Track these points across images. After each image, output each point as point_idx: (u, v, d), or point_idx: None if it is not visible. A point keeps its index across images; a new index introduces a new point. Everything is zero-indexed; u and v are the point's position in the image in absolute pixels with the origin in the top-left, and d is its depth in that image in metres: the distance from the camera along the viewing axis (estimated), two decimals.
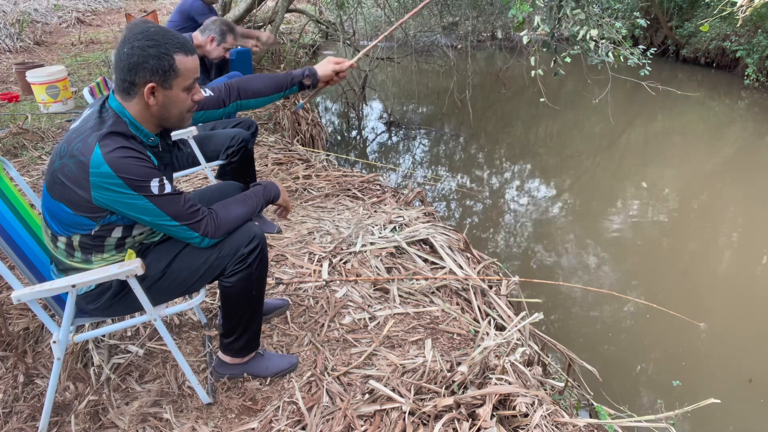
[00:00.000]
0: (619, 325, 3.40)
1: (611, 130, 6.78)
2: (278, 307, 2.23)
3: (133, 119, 1.44)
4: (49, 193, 1.43)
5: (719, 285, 3.79)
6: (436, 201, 5.09)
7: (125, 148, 1.38)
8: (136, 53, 1.37)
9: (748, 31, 8.60)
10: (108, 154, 1.35)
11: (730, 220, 4.65)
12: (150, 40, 1.38)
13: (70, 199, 1.40)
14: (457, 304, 2.41)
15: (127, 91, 1.41)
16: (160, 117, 1.48)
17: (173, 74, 1.41)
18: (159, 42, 1.38)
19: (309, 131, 5.37)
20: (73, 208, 1.41)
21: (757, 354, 3.12)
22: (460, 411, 1.67)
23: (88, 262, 1.53)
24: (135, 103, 1.43)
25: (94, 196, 1.38)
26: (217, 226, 1.54)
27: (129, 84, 1.40)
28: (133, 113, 1.44)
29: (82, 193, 1.38)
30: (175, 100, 1.46)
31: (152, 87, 1.40)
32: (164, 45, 1.39)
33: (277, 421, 1.73)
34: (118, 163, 1.35)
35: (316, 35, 10.62)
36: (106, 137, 1.37)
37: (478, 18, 9.18)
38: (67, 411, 1.77)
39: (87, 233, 1.47)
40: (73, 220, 1.44)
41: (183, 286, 1.62)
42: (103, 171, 1.35)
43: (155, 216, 1.44)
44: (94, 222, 1.44)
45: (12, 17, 7.69)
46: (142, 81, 1.39)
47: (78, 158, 1.36)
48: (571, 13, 4.02)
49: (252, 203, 1.66)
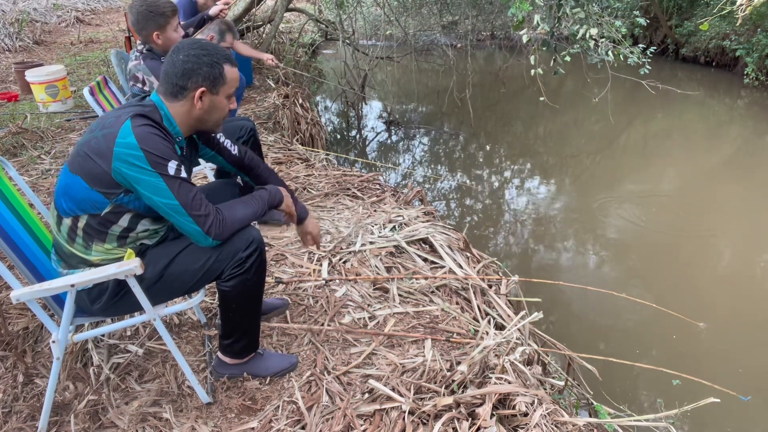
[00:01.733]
0: (619, 325, 3.40)
1: (611, 129, 6.78)
2: (278, 307, 2.23)
3: (169, 115, 1.55)
4: (69, 167, 1.48)
5: (719, 284, 3.79)
6: (435, 200, 5.09)
7: (154, 127, 1.47)
8: (192, 60, 1.50)
9: (747, 30, 8.60)
10: (136, 128, 1.43)
11: (729, 220, 4.65)
12: (204, 49, 1.52)
13: (88, 172, 1.44)
14: (456, 304, 2.41)
15: (176, 95, 1.53)
16: (200, 120, 1.59)
17: (221, 81, 1.55)
18: (211, 52, 1.53)
19: (308, 130, 5.37)
20: (89, 182, 1.45)
21: (757, 354, 3.12)
22: (459, 410, 1.67)
23: (88, 249, 1.54)
24: (180, 105, 1.55)
25: (114, 167, 1.42)
26: (223, 227, 1.54)
27: (180, 88, 1.52)
28: (173, 112, 1.55)
29: (102, 164, 1.42)
30: (218, 106, 1.59)
31: (203, 91, 1.53)
32: (216, 55, 1.54)
33: (277, 420, 1.73)
34: (144, 136, 1.43)
35: (316, 34, 10.62)
36: (139, 116, 1.46)
37: (478, 17, 9.18)
38: (66, 411, 1.77)
39: (96, 214, 1.49)
40: (86, 196, 1.46)
41: (181, 288, 1.62)
42: (128, 141, 1.41)
43: (165, 197, 1.46)
44: (106, 200, 1.47)
45: (11, 16, 7.68)
46: (194, 86, 1.52)
47: (107, 130, 1.44)
48: (570, 11, 4.02)
49: (256, 206, 1.66)
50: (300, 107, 5.44)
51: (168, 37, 2.55)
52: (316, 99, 8.26)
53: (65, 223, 1.51)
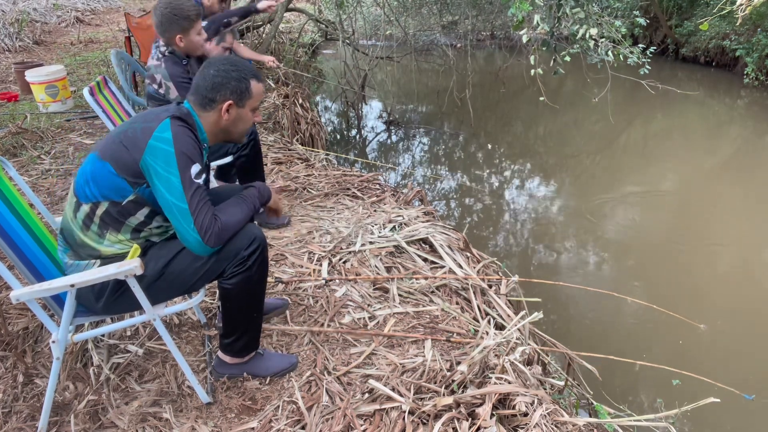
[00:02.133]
0: (619, 325, 3.40)
1: (611, 129, 6.78)
2: (278, 307, 2.23)
3: (200, 123, 1.64)
4: (100, 154, 1.53)
5: (719, 284, 3.79)
6: (435, 200, 5.09)
7: (190, 130, 1.56)
8: (221, 75, 1.61)
9: (747, 30, 8.60)
10: (175, 126, 1.52)
11: (730, 219, 4.65)
12: (233, 65, 1.63)
13: (118, 159, 1.50)
14: (456, 304, 2.41)
15: (205, 106, 1.63)
16: (226, 131, 1.68)
17: (248, 95, 1.64)
18: (240, 68, 1.63)
19: (308, 130, 5.37)
20: (117, 169, 1.50)
21: (756, 353, 3.12)
22: (459, 410, 1.67)
23: (101, 238, 1.57)
24: (209, 115, 1.64)
25: (144, 158, 1.49)
26: (220, 236, 1.55)
27: (209, 100, 1.62)
28: (202, 121, 1.65)
29: (134, 153, 1.49)
30: (243, 118, 1.68)
31: (230, 104, 1.62)
32: (243, 71, 1.63)
33: (277, 420, 1.73)
34: (180, 136, 1.52)
35: (316, 34, 10.62)
36: (178, 118, 1.55)
37: (478, 17, 9.18)
38: (66, 411, 1.77)
39: (118, 201, 1.53)
40: (112, 182, 1.51)
41: (182, 286, 1.62)
42: (165, 136, 1.50)
43: (177, 198, 1.50)
44: (130, 188, 1.52)
45: (11, 17, 7.68)
46: (222, 98, 1.62)
47: (147, 125, 1.52)
48: (570, 11, 4.02)
49: (249, 207, 1.69)
50: (300, 107, 5.44)
51: (191, 41, 2.55)
52: (316, 99, 8.26)
53: (83, 209, 1.55)
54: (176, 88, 2.58)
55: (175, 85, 2.57)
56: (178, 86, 2.58)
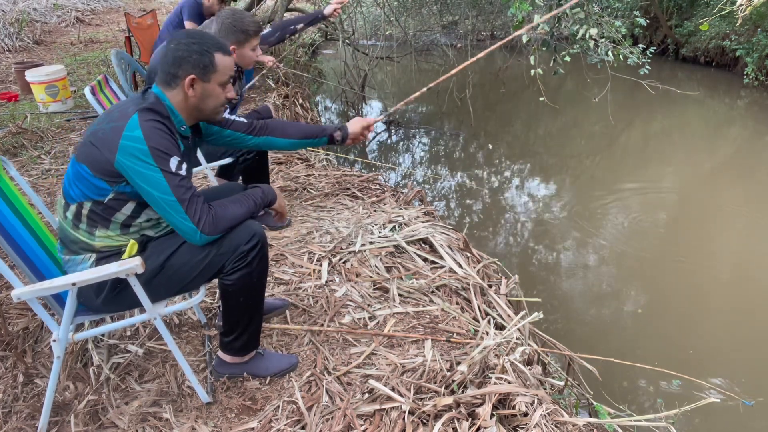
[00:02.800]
0: (619, 325, 3.40)
1: (611, 129, 6.78)
2: (278, 307, 2.23)
3: (171, 105, 1.59)
4: (76, 157, 1.53)
5: (719, 284, 3.79)
6: (435, 200, 5.09)
7: (160, 122, 1.52)
8: (182, 48, 1.55)
9: (747, 30, 8.60)
10: (144, 122, 1.49)
11: (729, 219, 4.65)
12: (194, 38, 1.58)
13: (93, 160, 1.49)
14: (456, 304, 2.41)
15: (169, 82, 1.58)
16: (196, 108, 1.63)
17: (212, 69, 1.58)
18: (202, 41, 1.58)
19: None
20: (93, 170, 1.49)
21: (756, 353, 3.12)
22: (459, 410, 1.67)
23: (92, 235, 1.57)
24: (175, 93, 1.59)
25: (117, 159, 1.46)
26: (215, 224, 1.56)
27: (172, 76, 1.57)
28: (173, 101, 1.60)
29: (107, 154, 1.47)
30: (211, 93, 1.61)
31: (192, 79, 1.56)
32: (206, 44, 1.58)
33: (277, 420, 1.73)
34: (150, 131, 1.48)
35: (316, 34, 10.62)
36: (146, 110, 1.52)
37: (478, 17, 9.18)
38: (66, 411, 1.77)
39: (100, 200, 1.53)
40: (91, 183, 1.51)
41: (181, 282, 1.62)
42: (135, 135, 1.46)
43: (163, 193, 1.49)
44: (109, 187, 1.51)
45: (11, 16, 7.68)
46: (184, 73, 1.56)
47: (115, 124, 1.49)
48: (570, 11, 4.02)
49: (249, 204, 1.68)
50: (300, 107, 5.44)
51: (243, 55, 2.57)
52: (316, 99, 8.26)
53: (71, 209, 1.56)
54: None
55: None
56: None
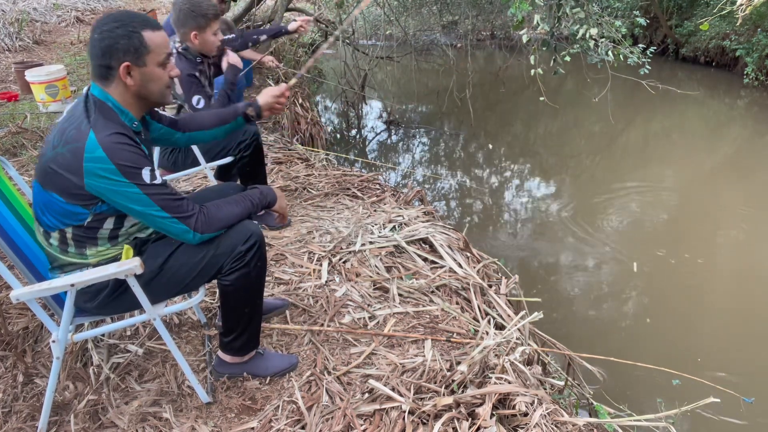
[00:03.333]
0: (619, 324, 3.40)
1: (611, 129, 6.78)
2: (278, 307, 2.23)
3: (116, 103, 1.48)
4: (41, 185, 1.45)
5: (719, 283, 3.79)
6: (435, 200, 5.09)
7: (119, 134, 1.41)
8: (106, 36, 1.41)
9: (747, 30, 8.60)
10: (103, 139, 1.38)
11: (729, 219, 4.65)
12: (116, 21, 1.42)
13: (62, 188, 1.41)
14: (456, 304, 2.40)
15: (105, 76, 1.46)
16: (141, 96, 1.51)
17: (144, 51, 1.45)
18: (125, 22, 1.43)
19: (308, 130, 5.36)
20: (65, 197, 1.42)
21: (757, 353, 3.12)
22: (459, 410, 1.67)
23: (83, 256, 1.54)
24: (115, 86, 1.47)
25: (87, 183, 1.39)
26: (208, 222, 1.53)
27: (105, 68, 1.44)
28: (116, 97, 1.48)
29: (75, 179, 1.39)
30: (151, 76, 1.49)
31: (127, 66, 1.44)
32: (130, 24, 1.43)
33: (277, 420, 1.73)
34: (113, 148, 1.38)
35: (316, 34, 10.61)
36: (99, 123, 1.41)
37: (478, 17, 9.17)
38: (66, 410, 1.77)
39: (80, 224, 1.48)
40: (65, 210, 1.45)
41: (180, 283, 1.62)
42: (98, 155, 1.37)
43: (145, 206, 1.44)
44: (86, 210, 1.45)
45: (11, 16, 7.67)
46: (117, 62, 1.43)
47: (72, 145, 1.38)
48: (570, 11, 4.02)
49: (246, 205, 1.65)
50: (300, 107, 5.44)
51: (205, 39, 2.57)
52: (316, 99, 8.26)
53: (54, 237, 1.51)
54: (180, 83, 2.57)
55: (181, 80, 2.57)
56: (184, 82, 2.57)
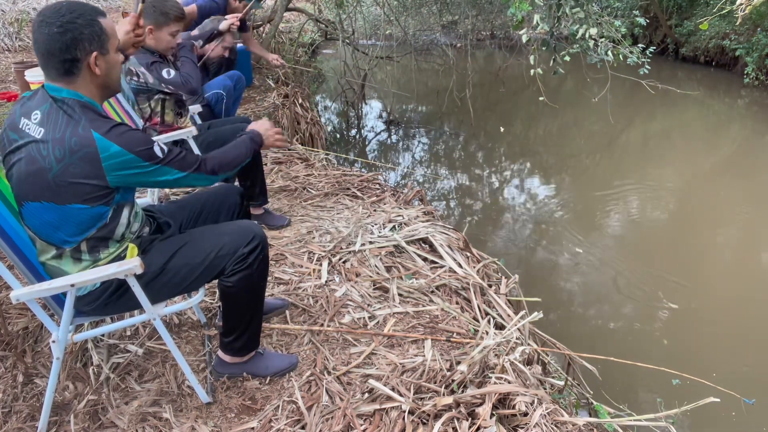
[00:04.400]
0: (619, 324, 3.40)
1: (611, 128, 6.78)
2: (278, 307, 2.23)
3: (87, 98, 1.45)
4: (56, 201, 1.41)
5: (719, 283, 3.79)
6: (435, 200, 5.09)
7: (117, 125, 1.42)
8: (69, 29, 1.36)
9: (747, 30, 8.60)
10: (109, 134, 1.38)
11: (729, 219, 4.65)
12: (74, 12, 1.37)
13: (84, 195, 1.41)
14: (456, 303, 2.40)
15: (70, 71, 1.40)
16: (103, 85, 1.49)
17: (106, 37, 1.43)
18: (83, 12, 1.39)
19: (308, 130, 5.36)
20: (89, 203, 1.43)
21: (756, 352, 3.12)
22: (459, 410, 1.67)
23: (96, 261, 1.54)
24: (81, 80, 1.42)
25: (111, 180, 1.42)
26: (218, 164, 1.64)
27: (70, 62, 1.38)
28: (84, 91, 1.44)
29: (97, 182, 1.40)
30: (113, 63, 1.48)
31: (96, 56, 1.41)
32: (87, 13, 1.40)
33: (277, 420, 1.73)
34: (123, 138, 1.40)
35: (316, 34, 10.61)
36: (93, 120, 1.39)
37: (478, 17, 9.17)
38: (66, 410, 1.77)
39: (103, 224, 1.50)
40: (90, 216, 1.46)
41: (182, 284, 1.62)
42: (114, 151, 1.38)
43: (171, 174, 1.51)
44: (107, 207, 1.48)
45: (11, 16, 7.67)
46: (84, 54, 1.39)
47: (83, 151, 1.36)
48: (570, 11, 4.02)
49: (243, 148, 1.76)
50: (300, 107, 5.44)
51: (159, 38, 2.55)
52: (316, 98, 8.26)
53: (67, 253, 1.50)
54: (148, 70, 2.56)
55: (146, 67, 2.56)
56: (150, 69, 2.56)
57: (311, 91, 7.65)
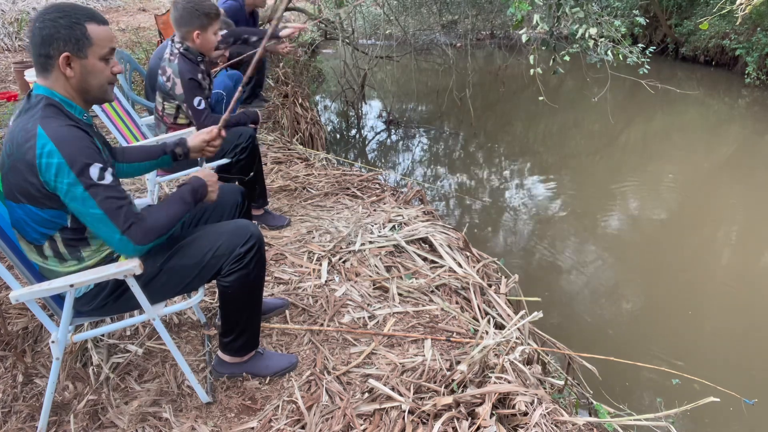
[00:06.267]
0: (619, 323, 3.40)
1: (610, 128, 6.78)
2: (278, 307, 2.23)
3: (62, 97, 1.43)
4: (12, 199, 1.40)
5: (719, 282, 3.79)
6: (435, 200, 5.09)
7: (71, 126, 1.37)
8: (48, 25, 1.37)
9: (747, 30, 8.60)
10: (52, 131, 1.33)
11: (729, 218, 4.65)
12: (60, 12, 1.39)
13: (30, 195, 1.37)
14: (456, 303, 2.40)
15: (45, 67, 1.41)
16: (81, 90, 1.46)
17: (87, 43, 1.41)
18: (69, 13, 1.39)
19: (308, 130, 5.36)
20: (37, 205, 1.39)
21: (756, 352, 3.12)
22: (459, 410, 1.67)
23: (80, 260, 1.52)
24: (55, 79, 1.42)
25: (44, 182, 1.34)
26: (146, 233, 1.43)
27: (45, 58, 1.39)
28: (60, 91, 1.43)
29: (36, 182, 1.34)
30: (92, 70, 1.44)
31: (67, 57, 1.39)
32: (75, 15, 1.39)
33: (277, 420, 1.73)
34: (62, 140, 1.33)
35: (316, 34, 10.61)
36: (46, 118, 1.35)
37: (477, 16, 9.16)
38: (66, 410, 1.77)
39: (64, 226, 1.45)
40: (43, 219, 1.42)
41: (180, 284, 1.62)
42: (48, 150, 1.31)
43: (90, 207, 1.37)
44: (64, 213, 1.42)
45: (11, 16, 7.67)
46: (57, 52, 1.39)
47: (24, 146, 1.33)
48: (570, 11, 4.02)
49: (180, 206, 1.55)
50: (299, 107, 5.44)
51: (207, 39, 2.58)
52: (316, 98, 8.26)
53: (46, 248, 1.48)
54: (182, 86, 2.57)
55: (183, 83, 2.57)
56: (185, 86, 2.57)
57: (311, 90, 7.65)
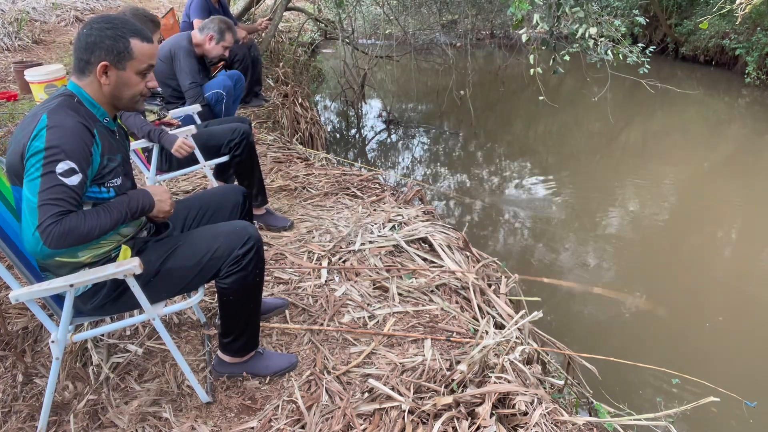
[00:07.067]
0: (619, 323, 3.40)
1: (610, 128, 6.78)
2: (277, 307, 2.22)
3: (89, 97, 1.51)
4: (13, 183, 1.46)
5: (719, 282, 3.79)
6: (435, 199, 5.09)
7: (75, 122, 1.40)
8: (94, 33, 1.46)
9: (747, 29, 8.59)
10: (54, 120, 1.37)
11: (729, 218, 4.65)
12: (109, 23, 1.48)
13: (21, 178, 1.40)
14: (456, 303, 2.40)
15: (82, 70, 1.49)
16: (112, 97, 1.53)
17: (127, 56, 1.49)
18: (117, 26, 1.48)
19: (308, 130, 5.36)
20: None
21: (756, 352, 3.12)
22: (459, 410, 1.67)
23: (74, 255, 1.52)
24: (89, 81, 1.50)
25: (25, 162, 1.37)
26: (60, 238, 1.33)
27: (84, 62, 1.48)
28: (89, 92, 1.51)
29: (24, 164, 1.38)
30: (127, 82, 1.52)
31: (105, 65, 1.47)
32: (121, 29, 1.48)
33: (277, 420, 1.73)
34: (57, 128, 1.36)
35: (315, 33, 10.60)
36: (56, 107, 1.42)
37: (477, 16, 9.17)
38: (66, 410, 1.77)
39: None
40: None
41: (178, 285, 1.62)
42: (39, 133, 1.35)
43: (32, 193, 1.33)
44: None
45: (10, 16, 7.66)
46: (96, 59, 1.47)
47: (26, 129, 1.39)
48: (570, 11, 4.02)
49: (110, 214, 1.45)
50: (299, 106, 5.43)
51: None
52: (316, 98, 8.26)
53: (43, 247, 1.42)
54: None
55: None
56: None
57: (311, 90, 7.65)
